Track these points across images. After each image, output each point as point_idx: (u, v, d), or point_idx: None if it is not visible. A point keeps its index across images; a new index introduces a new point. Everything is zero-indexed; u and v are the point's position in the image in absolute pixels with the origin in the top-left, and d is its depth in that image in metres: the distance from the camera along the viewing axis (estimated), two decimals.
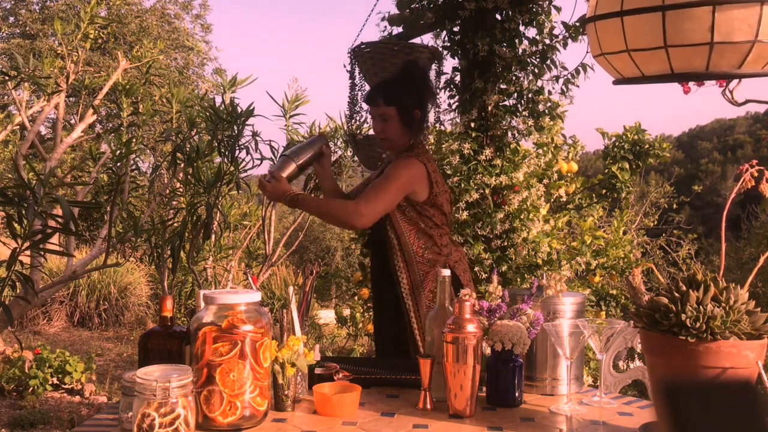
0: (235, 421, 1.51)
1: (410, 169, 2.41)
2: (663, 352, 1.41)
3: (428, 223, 2.47)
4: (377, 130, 2.50)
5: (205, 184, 3.33)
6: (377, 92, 2.50)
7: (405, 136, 2.49)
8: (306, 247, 14.37)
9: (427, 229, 2.46)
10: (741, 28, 1.37)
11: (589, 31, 1.59)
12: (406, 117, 2.47)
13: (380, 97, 2.47)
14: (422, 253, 2.44)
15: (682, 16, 1.38)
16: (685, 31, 1.39)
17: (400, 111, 2.45)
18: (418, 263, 2.44)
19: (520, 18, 3.43)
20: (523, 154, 3.61)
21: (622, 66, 1.54)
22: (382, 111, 2.46)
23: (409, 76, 2.53)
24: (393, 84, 2.52)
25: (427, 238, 2.46)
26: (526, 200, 3.54)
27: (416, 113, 2.49)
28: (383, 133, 2.49)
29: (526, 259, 3.56)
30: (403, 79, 2.52)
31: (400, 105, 2.45)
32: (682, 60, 1.43)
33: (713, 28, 1.37)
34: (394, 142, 2.50)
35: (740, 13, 1.36)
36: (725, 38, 1.38)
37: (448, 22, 3.43)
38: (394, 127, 2.47)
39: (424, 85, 2.57)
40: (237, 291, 1.60)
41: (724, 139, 32.74)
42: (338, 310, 5.37)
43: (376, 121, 2.49)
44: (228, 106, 3.32)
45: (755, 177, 1.52)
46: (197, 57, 14.21)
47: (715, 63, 1.41)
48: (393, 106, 2.45)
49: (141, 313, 8.36)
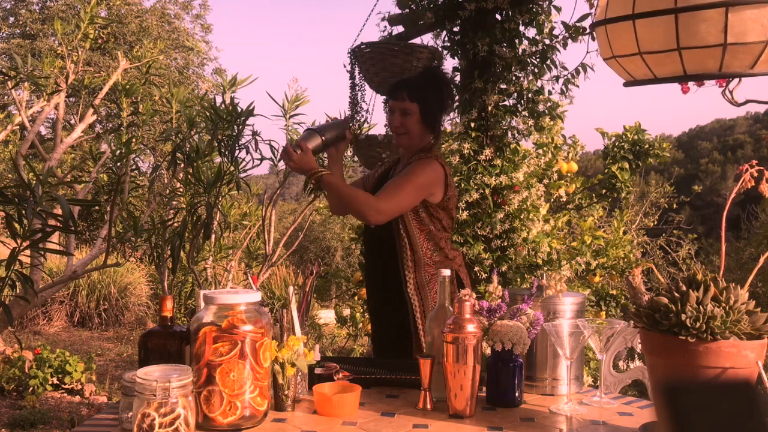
0: (235, 421, 1.51)
1: (432, 171, 2.41)
2: (663, 352, 1.41)
3: (437, 225, 2.47)
4: (396, 123, 2.48)
5: (205, 184, 3.33)
6: (403, 87, 2.49)
7: (423, 134, 2.49)
8: (306, 247, 14.37)
9: (435, 232, 2.46)
10: (754, 29, 1.37)
11: (599, 34, 1.59)
12: (428, 116, 2.47)
13: (405, 91, 2.46)
14: (431, 255, 2.44)
15: (695, 18, 1.39)
16: (699, 33, 1.39)
17: (422, 109, 2.45)
18: (426, 265, 2.43)
19: (520, 18, 3.44)
20: (523, 154, 3.61)
21: (633, 68, 1.54)
22: (406, 106, 2.45)
23: (435, 78, 2.54)
24: (419, 82, 2.51)
25: (434, 240, 2.46)
26: (526, 200, 3.54)
27: (437, 114, 2.51)
28: (402, 127, 2.47)
29: (526, 259, 3.56)
30: (428, 80, 2.53)
31: (423, 103, 2.45)
32: (695, 62, 1.43)
33: (726, 29, 1.37)
34: (410, 139, 2.49)
35: (753, 13, 1.36)
36: (738, 39, 1.38)
37: (448, 22, 3.43)
38: (414, 123, 2.46)
39: (448, 90, 2.57)
40: (237, 291, 1.60)
41: (724, 139, 32.74)
42: (338, 310, 5.37)
43: (396, 115, 2.47)
44: (228, 106, 3.32)
45: (755, 177, 1.52)
46: (197, 57, 14.22)
47: (728, 64, 1.41)
48: (416, 103, 2.45)
49: (141, 313, 8.36)
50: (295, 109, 4.07)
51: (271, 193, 4.62)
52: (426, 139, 2.51)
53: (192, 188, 3.51)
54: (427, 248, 2.44)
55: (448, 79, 2.63)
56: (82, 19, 3.85)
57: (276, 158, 4.02)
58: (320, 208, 4.83)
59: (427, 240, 2.45)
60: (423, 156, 2.47)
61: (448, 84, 2.60)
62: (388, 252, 2.49)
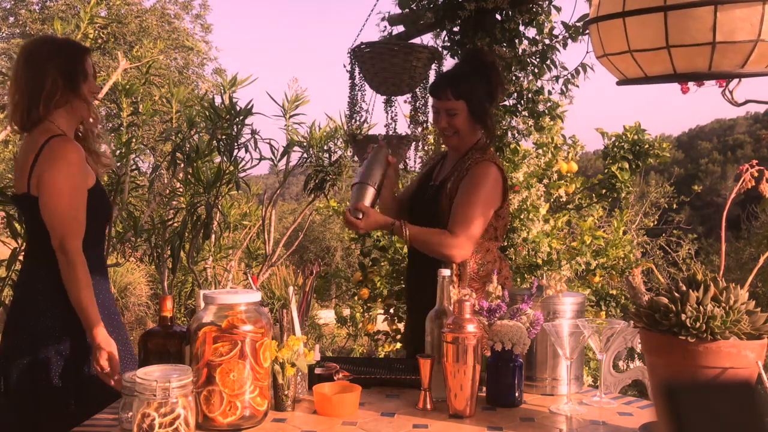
0: (235, 421, 1.51)
1: (494, 180, 2.23)
2: (663, 352, 1.41)
3: (491, 234, 2.28)
4: (443, 125, 2.29)
5: (205, 183, 3.33)
6: (446, 83, 2.28)
7: (473, 131, 2.30)
8: (306, 247, 14.37)
9: (484, 242, 2.26)
10: (743, 28, 1.37)
11: (592, 33, 1.59)
12: (477, 111, 2.27)
13: (449, 89, 2.26)
14: (477, 270, 2.25)
15: (684, 16, 1.38)
16: (687, 31, 1.39)
17: (469, 105, 2.26)
18: (471, 279, 2.23)
19: (520, 18, 3.43)
20: (523, 154, 3.61)
21: (624, 67, 1.54)
22: (451, 105, 2.26)
23: (478, 64, 2.32)
24: (462, 75, 2.30)
25: (484, 252, 2.27)
26: (526, 200, 3.54)
27: (486, 106, 2.29)
28: (450, 128, 2.28)
29: (526, 259, 3.56)
30: (472, 69, 2.31)
31: (470, 98, 2.25)
32: (684, 60, 1.43)
33: (715, 27, 1.37)
34: (462, 139, 2.30)
35: (742, 12, 1.36)
36: (727, 38, 1.37)
37: (448, 22, 3.43)
38: (462, 122, 2.27)
39: (497, 77, 2.34)
40: (237, 291, 1.60)
41: (724, 139, 32.73)
42: (338, 310, 5.37)
43: (441, 116, 2.28)
44: (227, 105, 3.32)
45: (755, 177, 1.52)
46: (197, 57, 14.21)
47: (718, 63, 1.41)
48: (462, 100, 2.25)
49: (141, 313, 8.37)
50: (295, 108, 4.07)
51: (271, 193, 4.63)
52: (477, 135, 2.32)
53: (192, 188, 3.52)
54: (474, 261, 2.24)
55: (493, 62, 2.39)
56: (82, 19, 3.85)
57: (276, 158, 4.03)
58: (320, 208, 4.83)
59: (476, 252, 2.24)
60: (480, 159, 2.26)
61: (495, 68, 2.36)
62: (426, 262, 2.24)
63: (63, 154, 1.99)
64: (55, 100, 2.03)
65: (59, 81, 2.03)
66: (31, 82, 2.03)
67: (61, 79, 2.03)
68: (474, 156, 2.29)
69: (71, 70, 2.06)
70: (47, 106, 2.02)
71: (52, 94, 2.02)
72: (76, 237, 1.98)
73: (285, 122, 4.05)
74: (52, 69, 2.02)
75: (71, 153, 2.01)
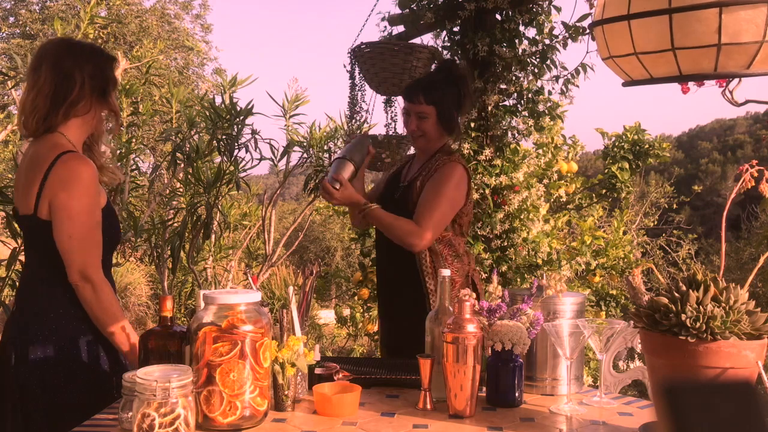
0: (235, 421, 1.51)
1: (459, 178, 2.39)
2: (663, 352, 1.41)
3: (457, 230, 2.45)
4: (412, 127, 2.45)
5: (205, 183, 3.33)
6: (418, 88, 2.44)
7: (440, 136, 2.46)
8: (306, 247, 14.38)
9: (452, 238, 2.43)
10: (748, 29, 1.37)
11: (597, 35, 1.59)
12: (445, 118, 2.43)
13: (421, 94, 2.41)
14: (452, 261, 2.42)
15: (689, 19, 1.39)
16: (693, 33, 1.39)
17: (439, 110, 2.41)
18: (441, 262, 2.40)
19: (520, 18, 3.44)
20: (523, 154, 3.61)
21: (630, 68, 1.54)
22: (422, 109, 2.41)
23: (451, 75, 2.49)
24: (434, 82, 2.46)
25: (454, 246, 2.44)
26: (526, 200, 3.54)
27: (455, 114, 2.46)
28: (419, 130, 2.44)
29: (526, 259, 3.56)
30: (444, 78, 2.47)
31: (440, 105, 2.41)
32: (690, 62, 1.43)
33: (720, 29, 1.37)
34: (428, 142, 2.46)
35: (747, 14, 1.36)
36: (732, 39, 1.38)
37: (448, 22, 3.44)
38: (431, 126, 2.43)
39: (466, 88, 2.51)
40: (237, 291, 1.60)
41: (724, 139, 32.75)
42: (338, 310, 5.37)
43: (412, 118, 2.44)
44: (228, 105, 3.32)
45: (755, 177, 1.52)
46: (197, 57, 14.21)
47: (723, 64, 1.41)
48: (433, 106, 2.41)
49: (141, 313, 8.37)
50: (295, 108, 4.07)
51: (271, 193, 4.63)
52: (443, 140, 2.48)
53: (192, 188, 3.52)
54: (447, 254, 2.42)
55: (465, 75, 2.56)
56: (82, 19, 3.85)
57: (276, 158, 4.03)
58: (320, 208, 4.83)
59: (448, 246, 2.42)
60: (447, 160, 2.42)
61: (465, 81, 2.53)
62: (404, 257, 2.43)
63: (77, 175, 1.85)
64: (77, 108, 1.93)
65: (87, 89, 1.93)
66: (56, 88, 1.91)
67: (90, 87, 1.94)
68: (441, 158, 2.45)
69: (102, 77, 1.98)
70: (67, 113, 1.92)
71: (76, 101, 1.92)
72: (97, 263, 1.88)
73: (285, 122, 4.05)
74: (82, 75, 1.92)
75: (85, 173, 1.87)
